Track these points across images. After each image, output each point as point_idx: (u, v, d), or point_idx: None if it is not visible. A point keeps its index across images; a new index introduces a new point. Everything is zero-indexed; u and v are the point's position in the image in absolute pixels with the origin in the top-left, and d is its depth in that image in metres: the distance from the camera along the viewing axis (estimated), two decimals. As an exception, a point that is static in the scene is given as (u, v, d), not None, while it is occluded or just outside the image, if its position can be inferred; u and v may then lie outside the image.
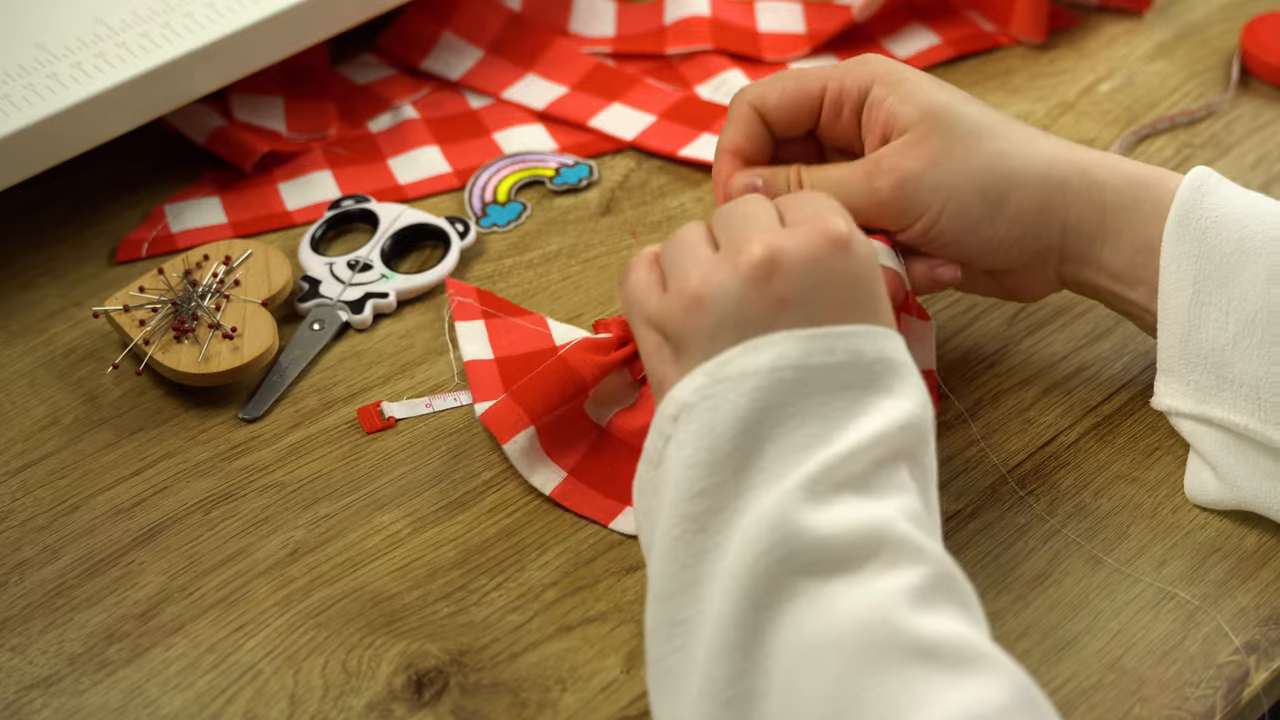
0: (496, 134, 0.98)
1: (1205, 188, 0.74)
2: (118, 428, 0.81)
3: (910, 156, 0.74)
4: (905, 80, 0.76)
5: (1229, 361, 0.73)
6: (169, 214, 0.93)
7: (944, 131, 0.74)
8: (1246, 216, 0.73)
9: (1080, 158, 0.75)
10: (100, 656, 0.72)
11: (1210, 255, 0.72)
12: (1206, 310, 0.73)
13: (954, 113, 0.75)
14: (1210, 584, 0.73)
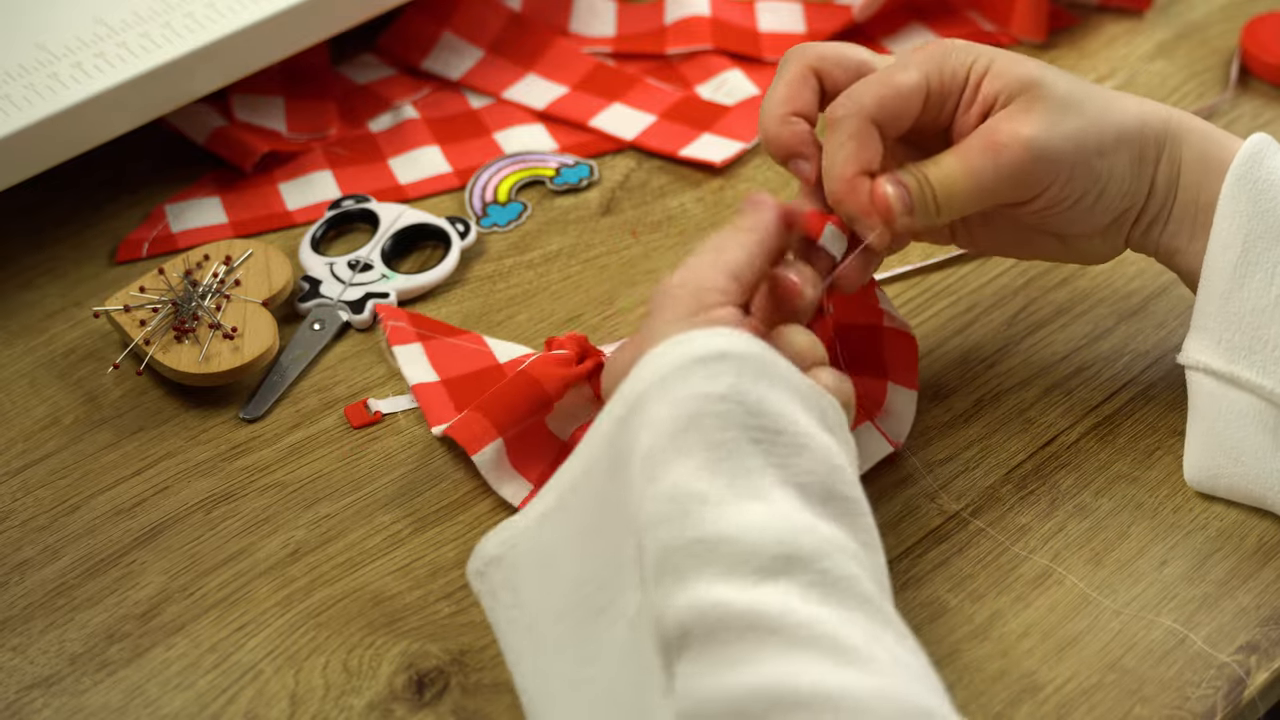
0: (497, 134, 0.98)
1: (1266, 151, 0.73)
2: (118, 428, 0.81)
3: (1026, 122, 0.73)
4: (996, 57, 0.75)
5: (1267, 324, 0.72)
6: (169, 214, 0.93)
7: (1050, 93, 0.73)
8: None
9: (1163, 113, 0.75)
10: (101, 656, 0.71)
11: (1264, 216, 0.72)
12: (1253, 270, 0.72)
13: (1050, 79, 0.74)
14: (1211, 584, 0.73)
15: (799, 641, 0.58)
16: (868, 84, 0.74)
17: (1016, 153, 0.72)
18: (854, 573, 0.61)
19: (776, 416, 0.63)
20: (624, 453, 0.63)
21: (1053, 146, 0.73)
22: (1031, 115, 0.73)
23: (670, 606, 0.59)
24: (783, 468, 0.63)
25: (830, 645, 0.58)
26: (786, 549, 0.60)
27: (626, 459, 0.63)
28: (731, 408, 0.63)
